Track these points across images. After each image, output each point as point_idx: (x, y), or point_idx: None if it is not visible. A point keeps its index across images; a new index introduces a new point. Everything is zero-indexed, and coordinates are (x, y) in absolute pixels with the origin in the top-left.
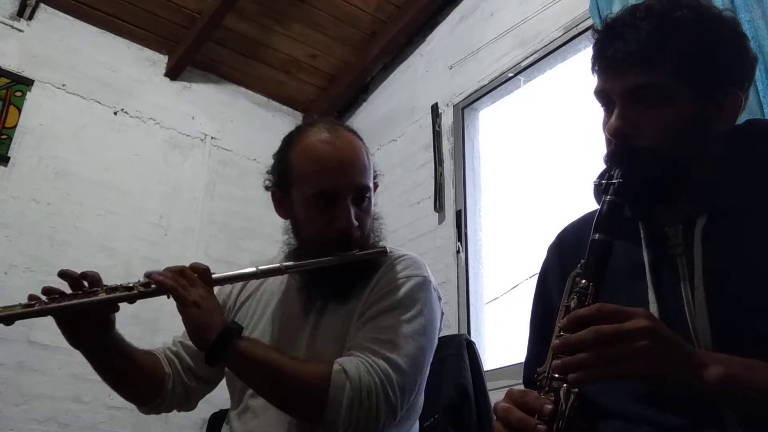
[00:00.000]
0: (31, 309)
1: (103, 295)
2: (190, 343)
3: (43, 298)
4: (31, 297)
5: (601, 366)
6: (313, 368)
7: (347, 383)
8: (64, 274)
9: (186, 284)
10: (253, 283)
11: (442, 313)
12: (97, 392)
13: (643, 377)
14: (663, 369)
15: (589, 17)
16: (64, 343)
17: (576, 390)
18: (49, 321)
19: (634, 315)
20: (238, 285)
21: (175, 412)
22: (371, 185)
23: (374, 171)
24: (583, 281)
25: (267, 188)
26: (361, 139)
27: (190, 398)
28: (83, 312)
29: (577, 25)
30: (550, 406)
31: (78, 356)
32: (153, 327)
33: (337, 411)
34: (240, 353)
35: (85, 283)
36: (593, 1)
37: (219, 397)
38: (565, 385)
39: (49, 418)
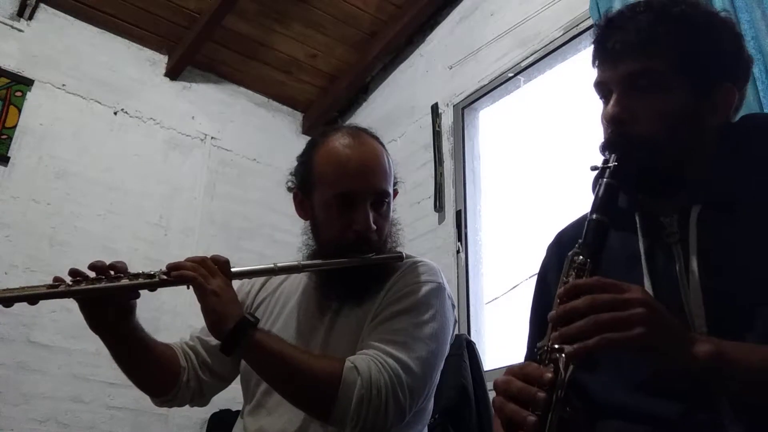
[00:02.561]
0: (56, 290)
1: (125, 281)
2: (207, 338)
3: (68, 280)
4: (56, 279)
5: (596, 334)
6: (325, 364)
7: (358, 379)
8: (93, 266)
9: (206, 274)
10: (272, 283)
11: (456, 321)
12: (97, 392)
13: (637, 347)
14: (657, 340)
15: (589, 17)
16: (64, 343)
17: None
18: (49, 321)
19: (630, 288)
20: (257, 285)
21: (176, 411)
22: (390, 191)
23: (394, 177)
24: (581, 257)
25: (289, 189)
26: (383, 145)
27: (204, 393)
28: (106, 297)
29: (577, 25)
30: (549, 375)
31: (78, 356)
32: (153, 327)
33: (347, 407)
34: (255, 344)
35: (111, 272)
36: (593, 1)
37: (220, 397)
38: (563, 355)
39: (49, 418)
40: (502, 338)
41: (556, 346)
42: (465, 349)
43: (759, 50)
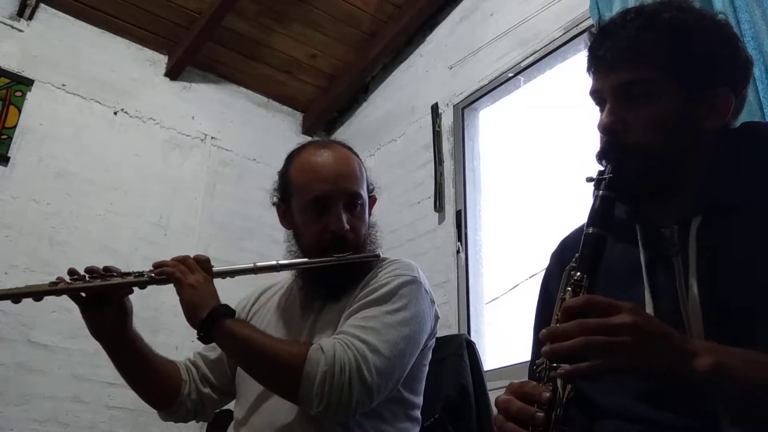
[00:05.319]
0: (56, 287)
1: (118, 279)
2: (208, 354)
3: (67, 278)
4: (58, 278)
5: (585, 353)
6: (292, 347)
7: (322, 358)
8: (89, 270)
9: (185, 270)
10: (265, 296)
11: (437, 318)
12: (97, 392)
13: (627, 372)
14: (646, 364)
15: (589, 17)
16: (64, 343)
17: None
18: (49, 321)
19: (621, 310)
20: (251, 301)
21: None
22: (363, 193)
23: (370, 184)
24: (578, 273)
25: (273, 204)
26: (356, 154)
27: (205, 406)
28: (103, 295)
29: (577, 25)
30: (548, 395)
31: (78, 356)
32: (153, 327)
33: (311, 384)
34: (227, 331)
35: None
36: (593, 1)
37: None
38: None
39: (49, 418)
40: (502, 338)
41: (554, 365)
42: (465, 349)
43: (759, 50)
